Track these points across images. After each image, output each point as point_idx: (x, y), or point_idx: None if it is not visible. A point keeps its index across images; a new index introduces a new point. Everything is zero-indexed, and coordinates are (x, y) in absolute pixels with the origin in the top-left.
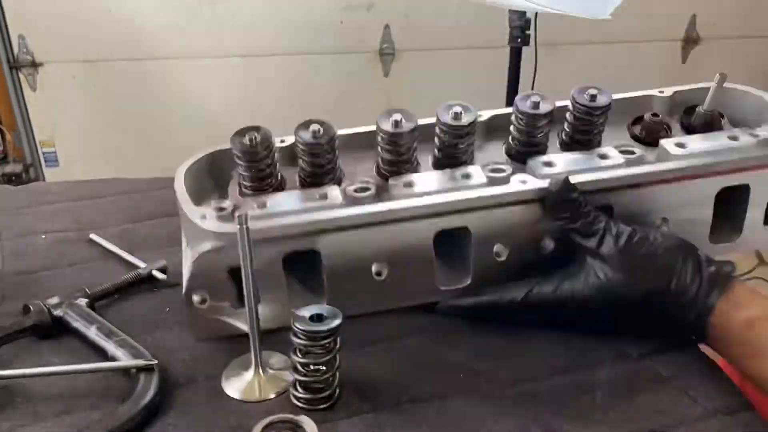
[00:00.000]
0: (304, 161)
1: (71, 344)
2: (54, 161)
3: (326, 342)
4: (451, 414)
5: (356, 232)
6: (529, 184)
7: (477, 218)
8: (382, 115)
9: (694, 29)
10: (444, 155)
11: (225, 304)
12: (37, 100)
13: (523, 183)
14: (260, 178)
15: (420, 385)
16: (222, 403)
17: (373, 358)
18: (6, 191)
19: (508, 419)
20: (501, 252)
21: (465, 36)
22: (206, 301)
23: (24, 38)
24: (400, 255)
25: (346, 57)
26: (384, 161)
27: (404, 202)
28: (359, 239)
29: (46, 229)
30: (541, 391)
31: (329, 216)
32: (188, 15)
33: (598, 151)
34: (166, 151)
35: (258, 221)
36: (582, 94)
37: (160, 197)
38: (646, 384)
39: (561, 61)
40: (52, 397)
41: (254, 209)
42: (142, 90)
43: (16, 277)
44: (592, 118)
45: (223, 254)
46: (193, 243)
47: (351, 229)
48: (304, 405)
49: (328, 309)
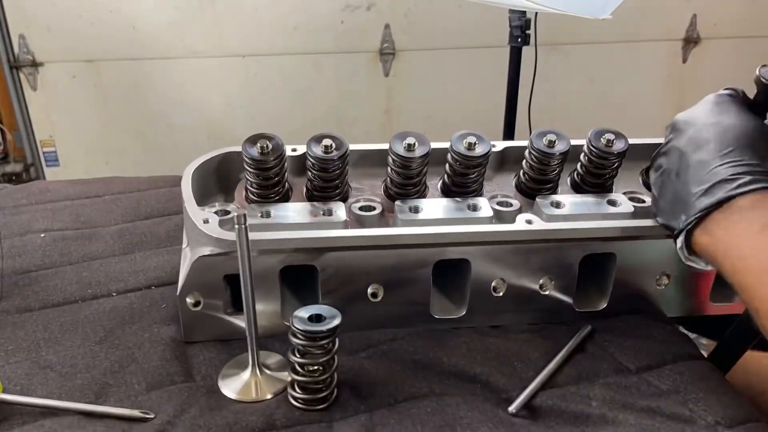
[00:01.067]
0: (313, 174)
1: None
2: (54, 161)
3: (325, 342)
4: (447, 413)
5: (357, 253)
6: (534, 225)
7: (478, 252)
8: (396, 137)
9: (694, 29)
10: (453, 183)
11: (218, 308)
12: (38, 100)
13: (529, 223)
14: (267, 187)
15: (416, 384)
16: (219, 403)
17: (369, 359)
18: (6, 190)
19: (503, 424)
20: (498, 287)
21: (465, 36)
22: (200, 304)
23: (24, 38)
24: (397, 279)
25: (347, 57)
26: (392, 182)
27: (407, 230)
28: (359, 260)
29: (46, 227)
30: (536, 401)
31: (331, 235)
32: (189, 15)
33: (608, 197)
34: (166, 151)
35: (260, 231)
36: (599, 138)
37: (160, 196)
38: (645, 397)
39: (561, 61)
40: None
41: (258, 217)
42: (143, 90)
43: (15, 276)
44: (606, 162)
45: (221, 260)
46: (194, 245)
47: (352, 249)
48: (302, 405)
49: (327, 309)
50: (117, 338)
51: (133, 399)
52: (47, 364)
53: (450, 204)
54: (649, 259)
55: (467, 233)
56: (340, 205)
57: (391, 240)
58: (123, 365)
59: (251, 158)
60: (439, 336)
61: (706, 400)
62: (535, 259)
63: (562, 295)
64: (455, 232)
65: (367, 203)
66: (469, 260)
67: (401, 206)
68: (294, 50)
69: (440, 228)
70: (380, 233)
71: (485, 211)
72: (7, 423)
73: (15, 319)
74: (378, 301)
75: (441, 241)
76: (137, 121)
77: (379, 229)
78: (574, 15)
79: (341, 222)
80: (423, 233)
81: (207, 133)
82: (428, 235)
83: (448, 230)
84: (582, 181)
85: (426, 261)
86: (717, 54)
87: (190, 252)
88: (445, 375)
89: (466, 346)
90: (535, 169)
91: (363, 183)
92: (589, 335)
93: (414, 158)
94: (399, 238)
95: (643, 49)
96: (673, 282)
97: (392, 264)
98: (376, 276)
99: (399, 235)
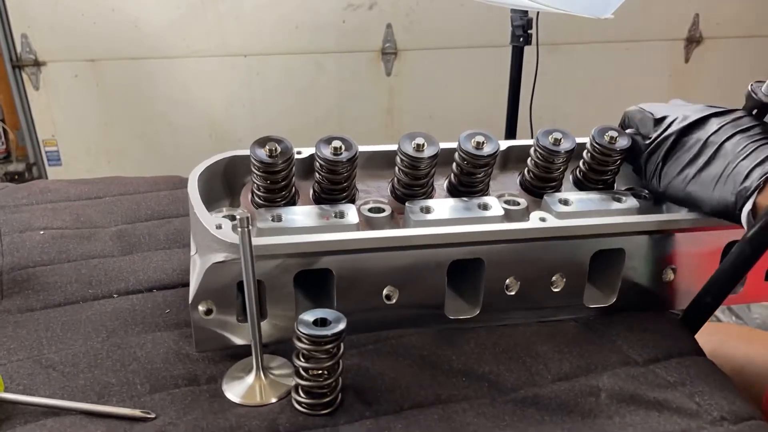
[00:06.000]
0: (321, 176)
1: None
2: (57, 160)
3: (330, 347)
4: (454, 420)
5: (372, 255)
6: (548, 222)
7: (493, 251)
8: (404, 137)
9: (697, 29)
10: (460, 182)
11: (231, 316)
12: (40, 99)
13: (543, 221)
14: (275, 190)
15: (422, 389)
16: (222, 407)
17: (374, 357)
18: (6, 189)
19: (510, 428)
20: (512, 285)
21: (467, 35)
22: (212, 312)
23: (27, 37)
24: (412, 281)
25: (349, 56)
26: (400, 183)
27: (422, 230)
28: (373, 262)
29: (45, 225)
30: (545, 397)
31: (346, 237)
32: (191, 14)
33: (613, 193)
34: (168, 150)
35: (272, 236)
36: (602, 135)
37: (160, 199)
38: (652, 388)
39: (563, 60)
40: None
41: (269, 221)
42: (145, 89)
43: (13, 272)
44: (609, 159)
45: (236, 266)
46: (205, 252)
47: (366, 252)
48: (306, 410)
49: (332, 313)
50: (120, 339)
51: (136, 400)
52: (50, 364)
53: (460, 204)
54: (656, 253)
55: (483, 232)
56: (350, 207)
57: (408, 241)
58: (126, 366)
59: (260, 161)
60: (446, 332)
61: (712, 394)
62: (547, 256)
63: (572, 291)
64: (471, 231)
65: (376, 204)
66: (483, 259)
67: (412, 207)
68: (296, 50)
69: (455, 228)
70: (398, 234)
71: (496, 209)
72: (9, 422)
73: (17, 318)
74: (392, 303)
75: (457, 240)
76: (139, 120)
77: (397, 231)
78: (576, 15)
79: (354, 224)
80: (440, 233)
81: (209, 132)
82: (445, 235)
83: (464, 230)
84: (585, 178)
85: (441, 261)
86: (719, 54)
87: (200, 259)
88: (452, 374)
89: (474, 342)
90: (540, 167)
91: (369, 184)
92: (598, 328)
93: (423, 158)
94: (416, 238)
95: (646, 48)
96: (678, 276)
97: (407, 265)
98: (391, 278)
99: (416, 236)
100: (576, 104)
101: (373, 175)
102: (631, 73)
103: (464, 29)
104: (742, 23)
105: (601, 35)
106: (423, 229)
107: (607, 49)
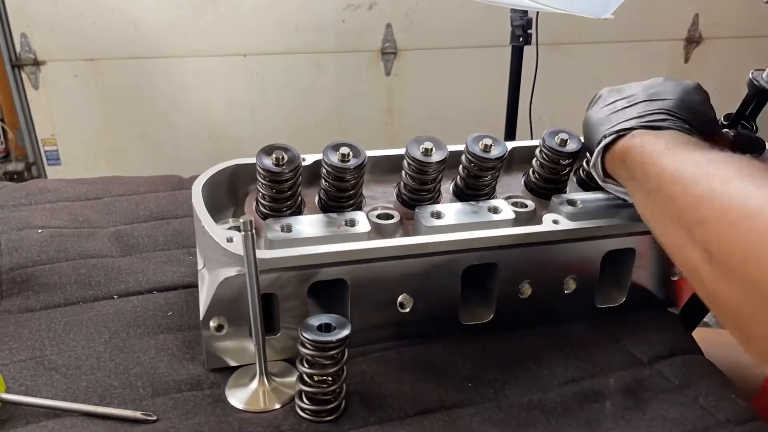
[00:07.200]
0: (328, 183)
1: None
2: (56, 159)
3: (334, 353)
4: (459, 426)
5: (386, 263)
6: (561, 224)
7: (506, 255)
8: (412, 141)
9: (696, 29)
10: (467, 185)
11: (243, 331)
12: (40, 99)
13: (555, 223)
14: (281, 200)
15: (427, 395)
16: (225, 412)
17: (379, 363)
18: (6, 188)
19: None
20: (525, 289)
21: (466, 35)
22: (223, 328)
23: (26, 37)
24: (426, 288)
25: (348, 56)
26: (407, 187)
27: (437, 237)
28: (388, 270)
29: (43, 224)
30: (551, 402)
31: (361, 247)
32: (190, 14)
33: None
34: (167, 150)
35: (284, 248)
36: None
37: (159, 200)
38: (657, 392)
39: (563, 60)
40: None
41: (278, 232)
42: (144, 88)
43: (12, 271)
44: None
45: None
46: (215, 266)
47: (382, 260)
48: (310, 416)
49: (337, 319)
50: (122, 341)
51: (138, 403)
52: (52, 366)
53: (469, 208)
54: (663, 252)
55: (498, 237)
56: (360, 214)
57: (423, 248)
58: (128, 369)
59: (266, 170)
60: (451, 338)
61: (716, 396)
62: (560, 258)
63: (583, 293)
64: (486, 236)
65: (384, 211)
66: (496, 264)
67: (422, 213)
68: (295, 49)
69: (469, 233)
70: (414, 242)
71: (506, 213)
72: (10, 423)
73: (18, 318)
74: (407, 311)
75: (472, 246)
76: (139, 119)
77: (412, 238)
78: (576, 15)
79: (365, 232)
80: (454, 239)
81: (208, 132)
82: (460, 241)
83: (479, 235)
84: (589, 178)
85: (455, 267)
86: (719, 54)
87: (209, 274)
88: (458, 379)
89: (479, 347)
90: (546, 168)
91: (375, 190)
92: (604, 328)
93: (431, 163)
94: (431, 245)
95: (645, 48)
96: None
97: (421, 272)
98: (405, 286)
99: (432, 242)
100: (576, 104)
101: (378, 180)
102: (631, 73)
103: (464, 29)
104: (741, 23)
105: (600, 35)
106: (437, 236)
107: (607, 49)
